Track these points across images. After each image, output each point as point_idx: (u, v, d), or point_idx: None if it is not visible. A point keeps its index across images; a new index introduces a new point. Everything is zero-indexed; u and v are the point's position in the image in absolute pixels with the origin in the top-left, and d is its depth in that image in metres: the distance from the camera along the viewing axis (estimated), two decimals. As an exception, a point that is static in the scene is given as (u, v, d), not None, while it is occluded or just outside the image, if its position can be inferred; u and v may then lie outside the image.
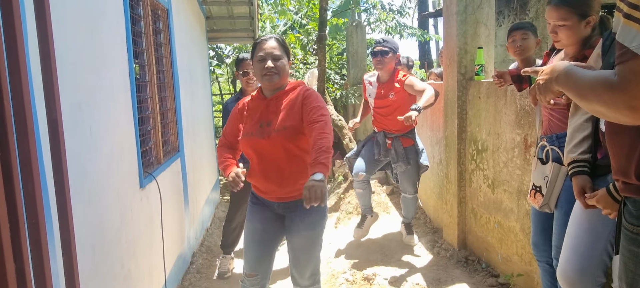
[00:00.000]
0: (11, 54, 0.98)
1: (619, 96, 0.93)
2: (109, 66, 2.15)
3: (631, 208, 1.13)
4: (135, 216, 2.41)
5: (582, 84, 1.06)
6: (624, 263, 1.16)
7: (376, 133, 3.78)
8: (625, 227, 1.16)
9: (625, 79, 0.92)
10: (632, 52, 0.90)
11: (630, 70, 0.91)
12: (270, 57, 2.06)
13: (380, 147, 3.72)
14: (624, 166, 1.13)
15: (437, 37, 14.00)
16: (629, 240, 1.14)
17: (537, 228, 2.22)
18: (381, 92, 3.68)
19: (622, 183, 1.16)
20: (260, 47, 2.08)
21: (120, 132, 2.25)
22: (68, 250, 1.20)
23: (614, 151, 1.18)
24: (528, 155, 2.62)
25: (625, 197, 1.17)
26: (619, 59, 0.93)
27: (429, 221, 4.39)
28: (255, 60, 2.10)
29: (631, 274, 1.13)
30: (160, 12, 3.38)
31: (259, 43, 2.10)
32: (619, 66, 0.93)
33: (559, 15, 1.85)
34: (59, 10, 1.60)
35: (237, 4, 5.80)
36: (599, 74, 1.01)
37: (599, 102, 0.99)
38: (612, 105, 0.96)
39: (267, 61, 2.05)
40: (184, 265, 3.57)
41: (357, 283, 3.25)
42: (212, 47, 9.62)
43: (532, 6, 6.19)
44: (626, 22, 0.92)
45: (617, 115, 0.97)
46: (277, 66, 2.07)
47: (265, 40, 2.09)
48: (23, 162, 1.01)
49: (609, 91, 0.95)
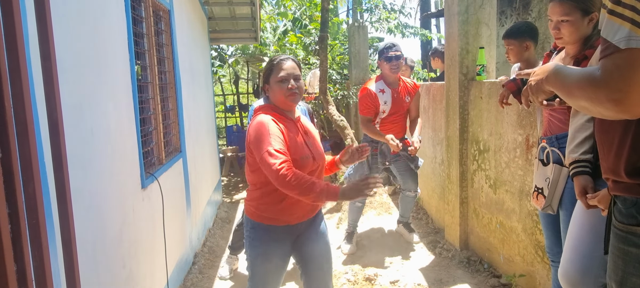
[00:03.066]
0: (12, 55, 0.98)
1: (602, 90, 0.95)
2: (110, 67, 2.15)
3: (620, 207, 1.14)
4: (137, 216, 2.41)
5: (569, 81, 1.08)
6: (613, 261, 1.17)
7: (379, 143, 3.77)
8: (614, 225, 1.17)
9: (607, 72, 0.94)
10: (615, 45, 0.92)
11: (612, 63, 0.93)
12: (293, 77, 2.04)
13: (386, 156, 3.77)
14: (613, 164, 1.14)
15: (440, 36, 13.98)
16: (618, 238, 1.15)
17: (548, 231, 2.20)
18: (397, 97, 3.71)
19: (611, 182, 1.18)
20: (280, 67, 2.05)
21: (122, 132, 2.26)
22: (69, 250, 1.21)
23: (603, 150, 1.20)
24: (530, 155, 2.61)
25: (614, 196, 1.18)
26: (603, 53, 0.96)
27: (431, 221, 4.39)
28: (274, 80, 2.05)
29: (620, 272, 1.13)
30: (162, 13, 3.38)
31: (278, 63, 2.07)
32: (603, 60, 0.95)
33: (562, 10, 1.84)
34: (60, 11, 1.60)
35: (239, 5, 5.80)
36: (585, 71, 1.03)
37: (584, 97, 1.01)
38: (595, 100, 0.98)
39: (290, 81, 2.03)
40: (186, 265, 3.57)
41: (358, 284, 3.24)
42: (214, 48, 9.62)
43: (535, 6, 6.17)
44: (610, 17, 0.95)
45: (600, 109, 0.98)
46: (299, 86, 2.07)
47: (284, 60, 2.08)
48: (24, 163, 1.01)
49: (593, 85, 0.97)
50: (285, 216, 2.05)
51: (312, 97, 6.94)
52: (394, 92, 3.70)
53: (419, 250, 3.76)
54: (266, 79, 2.10)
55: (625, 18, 0.92)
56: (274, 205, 2.03)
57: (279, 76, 2.03)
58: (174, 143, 3.55)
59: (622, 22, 0.92)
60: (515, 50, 2.62)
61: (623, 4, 0.93)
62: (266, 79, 2.10)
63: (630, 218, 1.11)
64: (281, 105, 2.08)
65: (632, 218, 1.10)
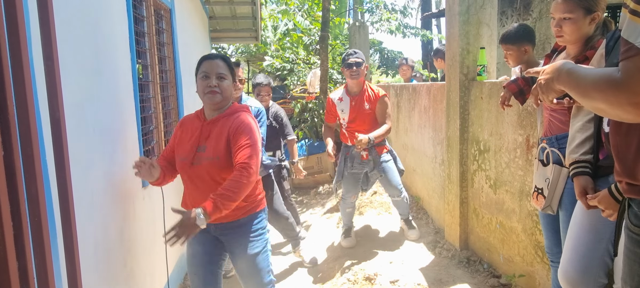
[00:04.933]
0: (14, 54, 0.98)
1: (623, 93, 0.91)
2: (111, 66, 2.15)
3: (637, 210, 1.10)
4: (138, 215, 2.42)
5: (584, 82, 1.03)
6: (628, 266, 1.14)
7: (349, 147, 3.82)
8: (630, 229, 1.13)
9: (629, 75, 0.89)
10: (637, 48, 0.88)
11: (634, 66, 0.88)
12: (215, 75, 2.01)
13: (354, 160, 3.80)
14: (629, 167, 1.10)
15: (440, 37, 14.00)
16: (634, 242, 1.11)
17: (548, 231, 2.20)
18: (355, 104, 3.72)
19: (626, 185, 1.13)
20: (207, 63, 2.04)
21: (123, 131, 2.26)
22: (70, 249, 1.21)
23: (619, 152, 1.15)
24: (530, 155, 2.61)
25: (629, 199, 1.14)
26: (624, 55, 0.91)
27: (431, 221, 4.39)
28: (199, 78, 2.04)
29: (637, 277, 1.10)
30: (163, 12, 3.39)
31: (206, 60, 2.05)
32: (624, 62, 0.91)
33: (565, 7, 1.85)
34: (62, 10, 1.61)
35: (240, 4, 5.81)
36: (602, 71, 0.98)
37: (602, 99, 0.97)
38: (615, 103, 0.93)
39: (211, 79, 2.00)
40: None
41: (358, 283, 3.25)
42: (215, 47, 9.62)
43: (536, 6, 6.17)
44: (632, 17, 0.90)
45: (619, 112, 0.95)
46: (222, 86, 2.02)
47: (211, 58, 2.05)
48: (26, 162, 1.02)
49: (613, 88, 0.92)
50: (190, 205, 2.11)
51: (312, 97, 6.94)
52: (352, 100, 3.73)
53: (419, 249, 3.76)
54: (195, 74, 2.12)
55: None
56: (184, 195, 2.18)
57: (201, 71, 2.05)
58: (175, 142, 3.55)
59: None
60: (514, 55, 2.62)
61: None
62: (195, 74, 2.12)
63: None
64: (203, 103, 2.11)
65: None
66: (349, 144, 3.84)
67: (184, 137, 2.12)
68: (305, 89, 7.29)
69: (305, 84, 7.35)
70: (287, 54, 8.55)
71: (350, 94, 3.75)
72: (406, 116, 5.22)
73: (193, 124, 2.12)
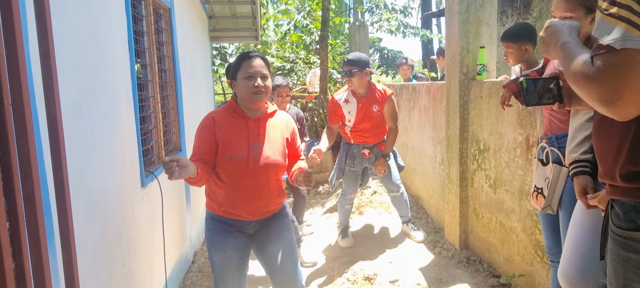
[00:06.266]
0: (11, 52, 0.98)
1: (596, 88, 0.96)
2: (110, 65, 2.15)
3: (618, 211, 1.12)
4: (137, 215, 2.41)
5: (568, 65, 1.08)
6: (613, 268, 1.15)
7: (351, 145, 3.82)
8: (613, 230, 1.14)
9: (601, 71, 0.95)
10: (608, 45, 0.93)
11: (606, 62, 0.93)
12: (260, 76, 2.04)
13: (355, 159, 3.79)
14: (610, 169, 1.13)
15: (441, 36, 13.98)
16: (617, 244, 1.12)
17: (547, 231, 2.20)
18: (362, 106, 3.67)
19: (608, 186, 1.17)
20: (249, 64, 2.04)
21: (122, 130, 2.26)
22: (68, 248, 1.21)
23: (600, 154, 1.20)
24: (530, 155, 2.61)
25: (612, 200, 1.16)
26: (595, 52, 0.97)
27: (431, 221, 4.39)
28: (241, 77, 2.05)
29: (622, 279, 1.11)
30: (163, 11, 3.38)
31: (247, 60, 2.06)
32: (595, 58, 0.97)
33: (566, 6, 1.84)
34: (59, 9, 1.60)
35: (239, 4, 5.80)
36: (584, 60, 1.02)
37: (580, 92, 1.03)
38: (588, 95, 0.99)
39: (257, 79, 2.03)
40: (186, 264, 3.57)
41: (358, 283, 3.24)
42: (215, 47, 9.62)
43: (536, 6, 6.16)
44: (604, 17, 0.95)
45: (595, 105, 1.00)
46: (266, 86, 2.06)
47: (252, 57, 2.06)
48: (22, 161, 1.01)
49: (588, 83, 0.98)
50: (231, 208, 2.12)
51: (312, 96, 6.94)
52: (359, 101, 3.67)
53: (419, 249, 3.76)
54: (234, 74, 2.10)
55: (621, 18, 0.91)
56: (221, 197, 2.11)
57: (247, 71, 2.04)
58: (174, 141, 3.55)
59: (617, 22, 0.92)
60: (514, 53, 2.62)
61: (618, 3, 0.92)
62: (234, 74, 2.10)
63: (629, 222, 1.09)
64: (245, 103, 2.11)
65: (631, 222, 1.08)
66: (351, 142, 3.83)
67: (230, 135, 2.08)
68: (305, 88, 7.28)
69: (305, 84, 7.34)
70: (287, 53, 8.55)
71: (357, 96, 3.69)
72: (406, 115, 5.22)
73: (233, 122, 2.10)
